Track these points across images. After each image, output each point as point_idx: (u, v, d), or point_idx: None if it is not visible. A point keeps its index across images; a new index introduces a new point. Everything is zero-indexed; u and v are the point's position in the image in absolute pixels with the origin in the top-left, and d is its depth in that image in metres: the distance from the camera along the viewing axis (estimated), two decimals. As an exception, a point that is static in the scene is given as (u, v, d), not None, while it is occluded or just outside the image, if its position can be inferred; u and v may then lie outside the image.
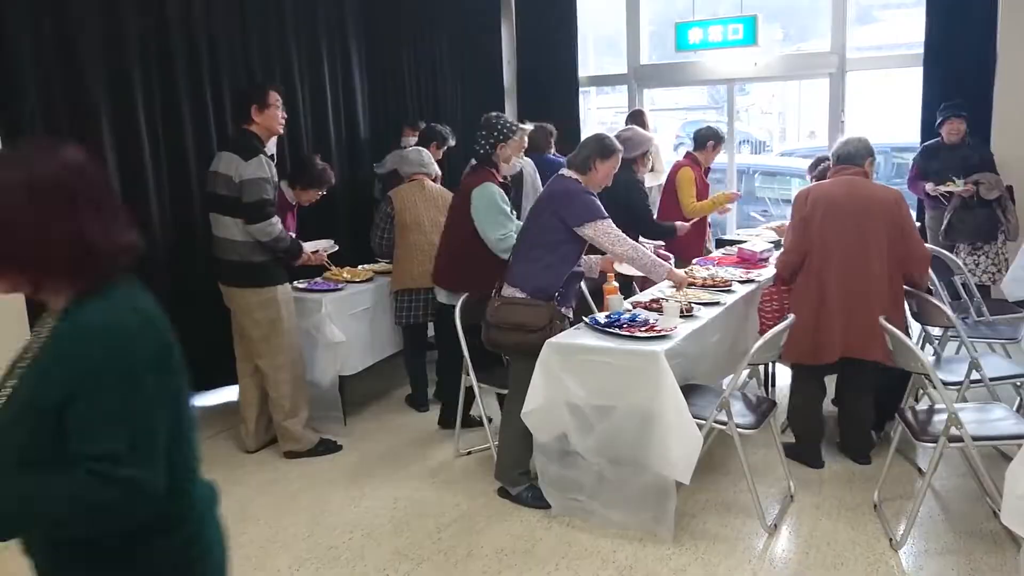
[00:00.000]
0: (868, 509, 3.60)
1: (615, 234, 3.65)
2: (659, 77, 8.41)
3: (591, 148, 3.75)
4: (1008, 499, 2.71)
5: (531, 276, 3.68)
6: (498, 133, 4.22)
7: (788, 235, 4.06)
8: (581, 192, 3.69)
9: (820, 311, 3.83)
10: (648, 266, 3.82)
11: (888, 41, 10.73)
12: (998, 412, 3.42)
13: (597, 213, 3.65)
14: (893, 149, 9.68)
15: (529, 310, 3.61)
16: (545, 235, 3.68)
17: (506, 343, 3.70)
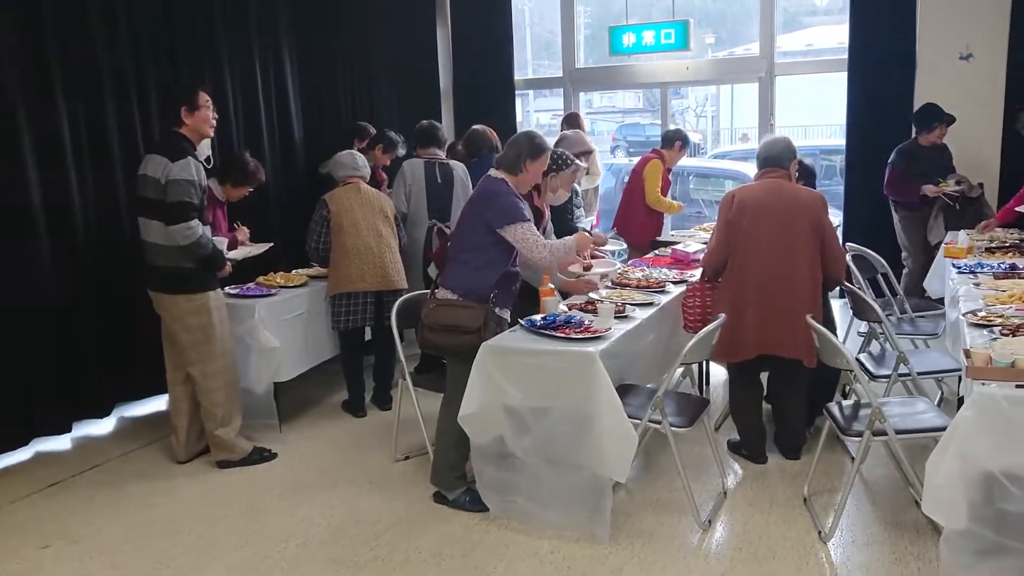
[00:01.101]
0: (799, 503, 3.68)
1: (533, 239, 3.60)
2: (594, 80, 8.51)
3: (522, 147, 3.71)
4: (928, 489, 2.82)
5: (462, 278, 3.67)
6: (553, 163, 4.26)
7: (713, 235, 4.14)
8: (505, 194, 3.65)
9: (739, 310, 3.90)
10: (563, 256, 3.77)
11: (816, 46, 11.06)
12: (920, 406, 3.54)
13: (517, 215, 3.60)
14: (821, 152, 9.97)
15: (463, 312, 3.59)
16: (472, 237, 3.67)
17: (440, 345, 3.67)
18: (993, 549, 2.75)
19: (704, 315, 4.19)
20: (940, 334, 4.63)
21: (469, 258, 3.68)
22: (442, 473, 3.76)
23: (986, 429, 2.69)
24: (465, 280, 3.67)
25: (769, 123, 7.36)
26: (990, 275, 4.24)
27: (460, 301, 3.64)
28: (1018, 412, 2.66)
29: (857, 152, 6.83)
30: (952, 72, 6.45)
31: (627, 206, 6.34)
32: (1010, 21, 6.22)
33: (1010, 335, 3.15)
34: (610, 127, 18.30)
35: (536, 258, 3.62)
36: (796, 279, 3.88)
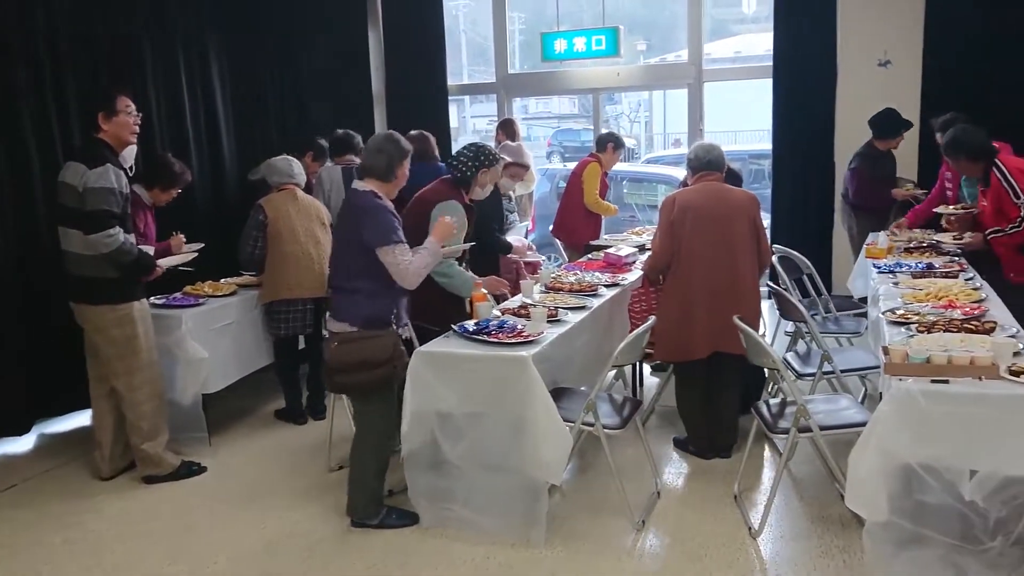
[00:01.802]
0: (729, 501, 3.75)
1: (406, 263, 3.37)
2: (527, 86, 8.55)
3: (391, 152, 3.50)
4: (851, 483, 2.91)
5: (357, 307, 3.42)
6: (484, 158, 4.22)
7: (656, 239, 4.20)
8: (383, 210, 3.43)
9: (690, 311, 4.01)
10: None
11: (744, 53, 11.32)
12: (843, 402, 3.65)
13: (393, 236, 3.37)
14: (750, 156, 10.21)
15: (369, 344, 3.39)
16: (358, 260, 3.40)
17: (352, 384, 3.45)
18: (912, 539, 2.85)
19: (638, 314, 4.26)
20: (863, 332, 4.77)
21: (360, 285, 3.42)
22: (363, 507, 3.61)
23: (904, 424, 2.78)
24: (361, 309, 3.42)
25: (699, 128, 7.50)
26: (908, 275, 4.38)
27: (362, 333, 3.41)
28: (933, 406, 2.76)
29: (783, 156, 7.01)
30: (871, 78, 6.67)
31: (566, 209, 6.45)
32: (924, 29, 6.46)
33: (925, 332, 3.27)
34: (546, 132, 18.41)
35: (407, 284, 3.41)
36: (740, 277, 4.05)
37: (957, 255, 4.81)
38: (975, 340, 3.05)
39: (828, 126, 6.79)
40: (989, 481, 2.70)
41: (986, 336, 3.16)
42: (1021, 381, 2.74)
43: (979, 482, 2.71)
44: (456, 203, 4.10)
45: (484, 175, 4.22)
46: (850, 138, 6.73)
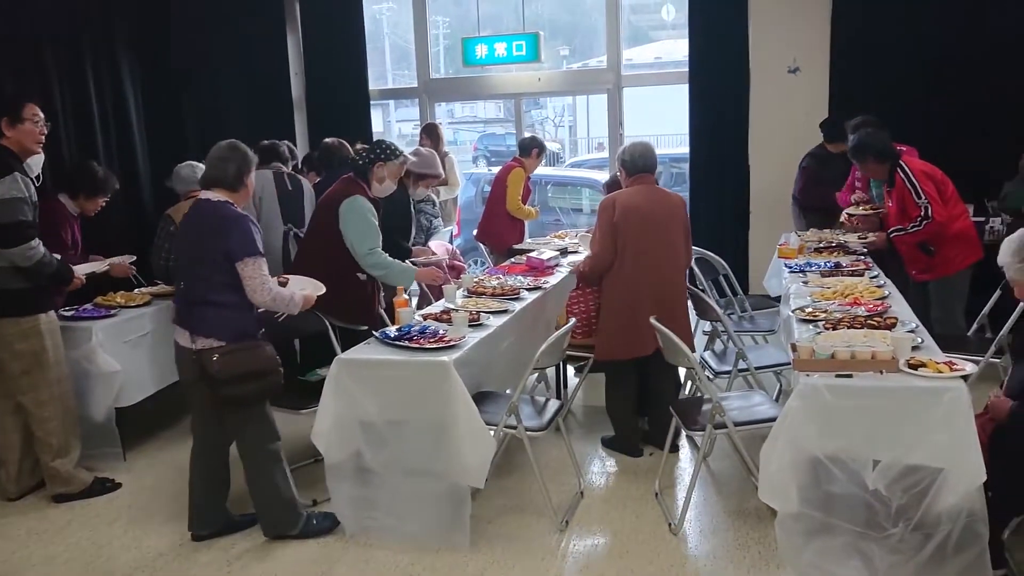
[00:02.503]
0: (650, 498, 3.83)
1: (261, 279, 3.27)
2: (449, 91, 8.57)
3: (238, 160, 3.36)
4: (763, 476, 3.01)
5: (225, 320, 3.29)
6: (381, 152, 4.24)
7: (597, 241, 4.23)
8: (243, 219, 3.29)
9: (635, 311, 4.05)
10: (286, 307, 3.45)
11: (664, 59, 11.54)
12: (757, 399, 3.77)
13: (253, 248, 3.25)
14: (670, 160, 10.42)
15: (253, 354, 3.30)
16: (219, 274, 3.25)
17: (241, 395, 3.28)
18: (821, 529, 2.96)
19: (590, 320, 4.31)
20: (777, 330, 4.93)
21: (225, 298, 3.27)
22: (279, 520, 3.51)
23: (811, 417, 2.89)
24: (229, 323, 3.29)
25: (619, 132, 7.63)
26: (818, 273, 4.55)
27: (237, 346, 3.28)
28: (839, 400, 2.87)
29: (700, 159, 7.19)
30: (782, 84, 6.90)
31: (490, 214, 6.50)
32: (831, 37, 6.72)
33: (832, 329, 3.40)
34: (472, 137, 18.44)
35: (257, 301, 3.30)
36: (680, 276, 4.29)
37: (863, 254, 5.01)
38: (877, 336, 3.19)
39: (742, 130, 7.00)
40: (890, 470, 2.83)
41: (887, 331, 3.31)
42: (918, 374, 2.88)
43: (881, 471, 2.83)
44: (360, 198, 4.13)
45: (380, 168, 4.22)
46: (763, 142, 6.98)
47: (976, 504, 2.76)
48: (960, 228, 4.73)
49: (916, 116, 6.07)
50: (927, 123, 6.10)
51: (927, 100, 6.30)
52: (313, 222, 4.40)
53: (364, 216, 4.13)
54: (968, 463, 2.73)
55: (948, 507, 2.77)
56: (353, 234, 4.12)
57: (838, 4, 6.65)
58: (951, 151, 5.59)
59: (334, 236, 4.13)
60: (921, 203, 4.60)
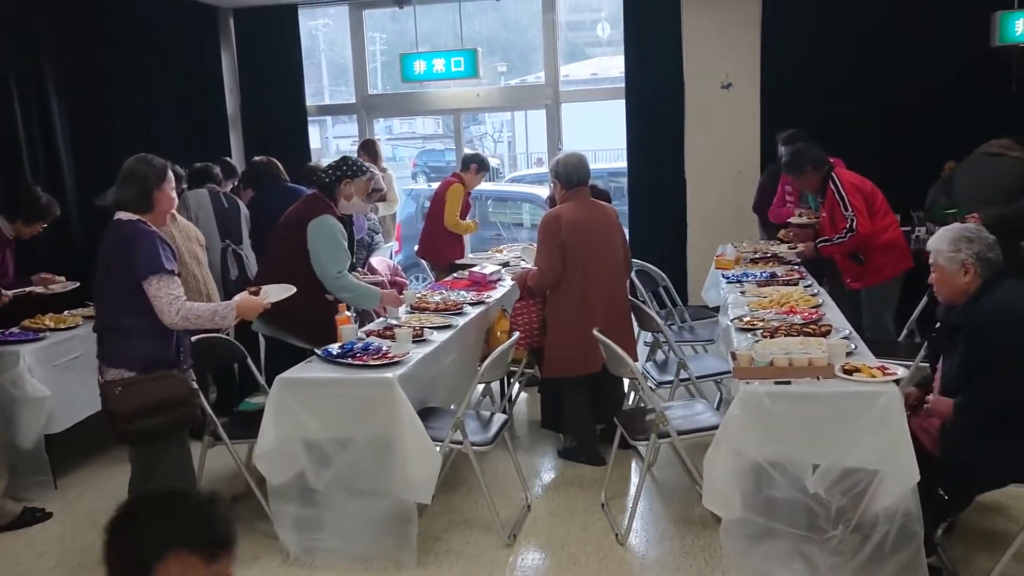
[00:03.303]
0: (597, 509, 3.85)
1: (168, 298, 2.99)
2: (388, 107, 8.56)
3: (146, 176, 3.11)
4: (707, 484, 3.05)
5: (135, 348, 3.04)
6: (348, 168, 4.13)
7: (543, 257, 4.21)
8: (151, 236, 3.05)
9: (587, 327, 3.97)
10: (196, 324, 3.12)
11: (601, 75, 11.71)
12: (699, 407, 3.82)
13: (157, 265, 2.99)
14: (609, 174, 10.56)
15: (162, 383, 3.03)
16: (127, 295, 3.01)
17: (147, 430, 3.00)
18: (764, 534, 3.02)
19: (532, 331, 4.32)
20: (716, 340, 5.01)
21: (133, 323, 3.02)
22: None
23: (752, 424, 2.95)
24: (137, 350, 3.04)
25: (558, 147, 7.70)
26: (754, 283, 4.65)
27: (150, 376, 3.02)
28: (778, 406, 2.94)
29: (638, 173, 7.31)
30: (716, 100, 7.07)
31: (430, 230, 6.47)
32: (761, 55, 6.92)
33: (769, 337, 3.48)
34: (411, 153, 18.40)
35: (167, 322, 3.00)
36: (624, 288, 4.39)
37: (796, 264, 5.15)
38: (813, 343, 3.27)
39: (679, 145, 7.14)
40: (829, 473, 2.90)
41: (822, 339, 3.40)
42: (853, 379, 2.96)
43: (821, 475, 2.91)
44: (330, 218, 4.03)
45: (347, 186, 4.12)
46: (699, 156, 7.14)
47: (911, 504, 2.84)
48: (890, 238, 4.89)
49: (845, 129, 6.26)
50: (856, 135, 6.31)
51: (855, 113, 6.52)
52: (278, 241, 4.18)
53: (334, 236, 4.01)
54: (902, 464, 2.82)
55: (884, 508, 2.86)
56: (324, 255, 3.98)
57: (767, 22, 6.85)
58: (880, 162, 5.80)
59: (302, 255, 3.97)
60: (848, 215, 4.75)
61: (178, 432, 3.13)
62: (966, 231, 3.06)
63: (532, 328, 4.37)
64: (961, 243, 3.00)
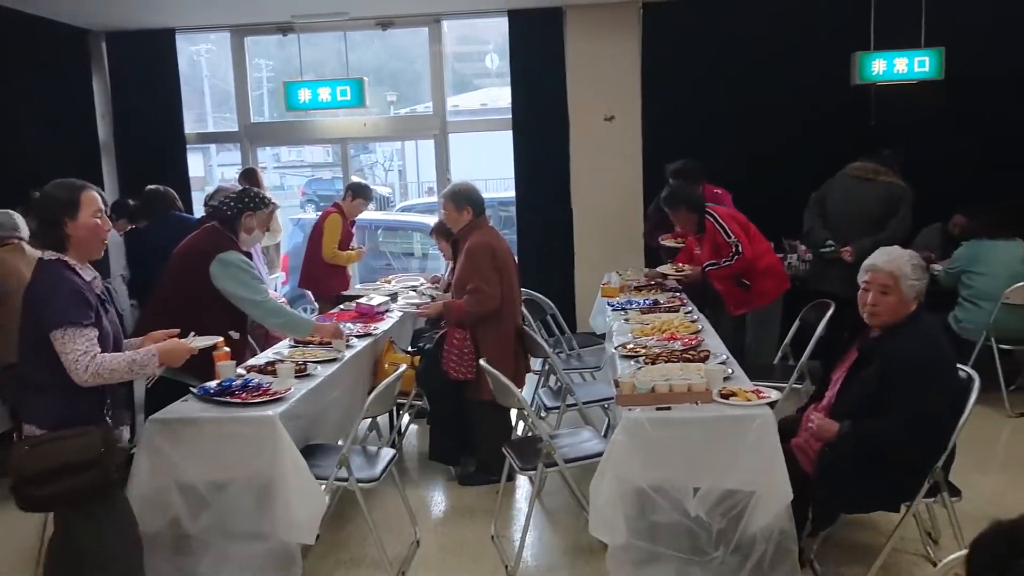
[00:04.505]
0: (487, 541, 3.82)
1: (75, 354, 2.63)
2: (272, 135, 8.38)
3: (52, 209, 2.74)
4: (593, 511, 3.08)
5: (50, 405, 2.72)
6: (251, 200, 4.00)
7: (485, 282, 4.27)
8: (59, 283, 2.69)
9: (514, 352, 4.33)
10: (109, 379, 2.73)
11: (491, 105, 11.86)
12: (585, 435, 3.86)
13: (68, 316, 2.64)
14: (499, 203, 10.66)
15: (71, 443, 2.68)
16: (35, 348, 2.70)
17: (50, 497, 2.67)
18: (649, 559, 3.07)
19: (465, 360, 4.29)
20: (603, 366, 5.11)
21: (45, 378, 2.70)
22: None
23: (635, 450, 3.01)
24: (55, 407, 2.72)
25: (446, 177, 7.72)
26: (637, 311, 4.77)
27: (55, 434, 2.69)
28: (659, 432, 3.01)
29: (525, 203, 7.41)
30: (599, 131, 7.25)
31: (310, 260, 6.29)
32: (641, 89, 7.16)
33: (651, 363, 3.56)
34: (300, 181, 18.08)
35: (76, 380, 2.65)
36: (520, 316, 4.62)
37: (678, 291, 5.31)
38: (692, 368, 3.38)
39: (564, 175, 7.29)
40: (709, 496, 2.99)
41: (701, 364, 3.51)
42: (730, 403, 3.06)
43: (701, 498, 2.99)
44: (234, 253, 3.89)
45: (249, 219, 4.00)
46: (584, 186, 7.30)
47: (785, 522, 2.96)
48: (770, 262, 5.14)
49: (721, 160, 6.53)
50: (731, 167, 6.58)
51: (730, 146, 6.81)
52: (176, 275, 3.94)
53: (244, 268, 3.89)
54: (776, 484, 2.93)
55: (762, 528, 2.96)
56: (239, 291, 3.84)
57: (647, 58, 7.11)
58: (753, 193, 6.07)
59: (204, 289, 3.79)
60: (731, 241, 4.95)
61: (94, 497, 2.72)
62: (918, 258, 3.14)
63: (459, 357, 4.33)
64: (920, 271, 3.09)
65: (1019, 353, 5.46)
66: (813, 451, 3.10)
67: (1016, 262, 5.23)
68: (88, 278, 2.79)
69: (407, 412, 4.96)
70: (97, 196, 2.83)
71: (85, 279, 2.77)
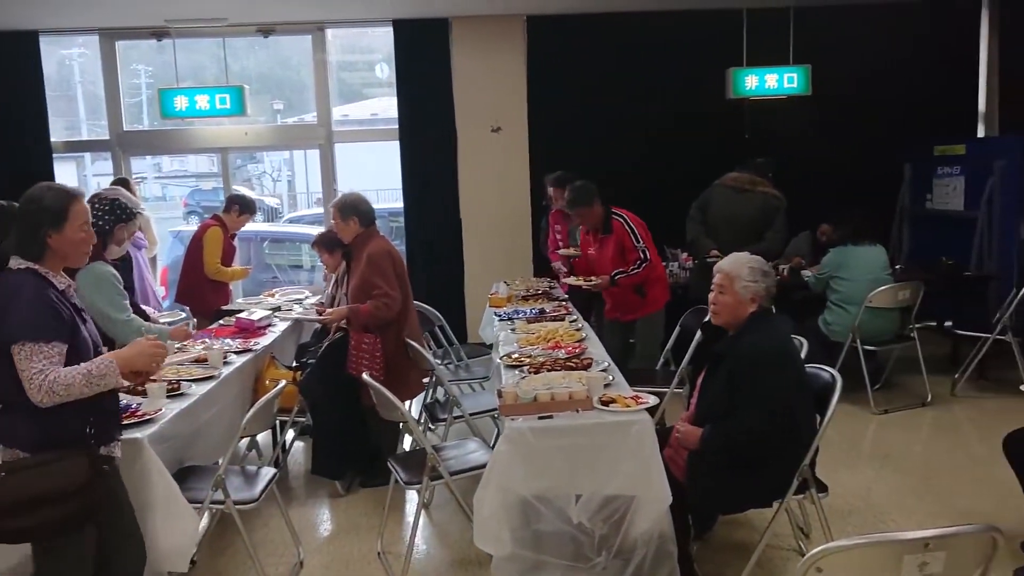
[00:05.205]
0: (373, 558, 3.75)
1: (32, 370, 2.40)
2: (147, 144, 8.04)
3: (39, 217, 2.54)
4: (477, 522, 3.06)
5: (26, 425, 2.49)
6: (122, 212, 3.94)
7: (391, 286, 4.35)
8: (22, 291, 2.47)
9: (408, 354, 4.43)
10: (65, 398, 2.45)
11: (382, 115, 11.75)
12: (472, 446, 3.84)
13: (25, 331, 2.42)
14: (390, 214, 10.56)
15: (52, 469, 2.46)
16: (5, 365, 2.46)
17: (27, 529, 2.46)
18: (534, 567, 3.08)
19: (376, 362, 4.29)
20: (491, 376, 5.11)
21: (17, 398, 2.46)
22: None
23: (518, 460, 3.01)
24: (31, 427, 2.49)
25: (333, 188, 7.59)
26: (524, 320, 4.79)
27: (36, 459, 2.48)
28: (542, 441, 3.02)
29: (414, 214, 7.37)
30: (487, 143, 7.29)
31: (187, 275, 5.91)
32: (528, 100, 7.24)
33: (535, 373, 3.58)
34: (182, 192, 17.43)
35: (33, 400, 2.41)
36: None
37: (565, 299, 5.37)
38: (574, 376, 3.41)
39: (453, 185, 7.29)
40: (591, 502, 3.02)
41: (584, 372, 3.55)
42: (609, 409, 3.11)
43: (583, 505, 3.02)
44: (102, 264, 3.81)
45: (121, 230, 4.00)
46: (472, 196, 7.32)
47: (665, 526, 3.01)
48: (661, 271, 5.27)
49: (604, 171, 6.66)
50: (614, 178, 6.70)
51: (615, 157, 6.97)
52: None
53: (112, 283, 3.90)
54: (655, 488, 2.99)
55: (642, 532, 3.00)
56: (105, 304, 3.80)
57: (532, 67, 7.20)
58: (636, 202, 6.19)
59: None
60: (639, 247, 5.03)
61: (73, 530, 2.53)
62: (762, 264, 3.24)
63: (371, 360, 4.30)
64: (759, 275, 3.18)
65: (883, 354, 5.80)
66: (682, 459, 3.17)
67: (878, 267, 5.56)
68: (61, 287, 2.57)
69: (291, 429, 4.83)
70: (86, 208, 2.66)
71: (58, 288, 2.55)
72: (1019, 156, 6.40)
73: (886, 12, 7.03)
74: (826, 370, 3.29)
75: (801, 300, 5.97)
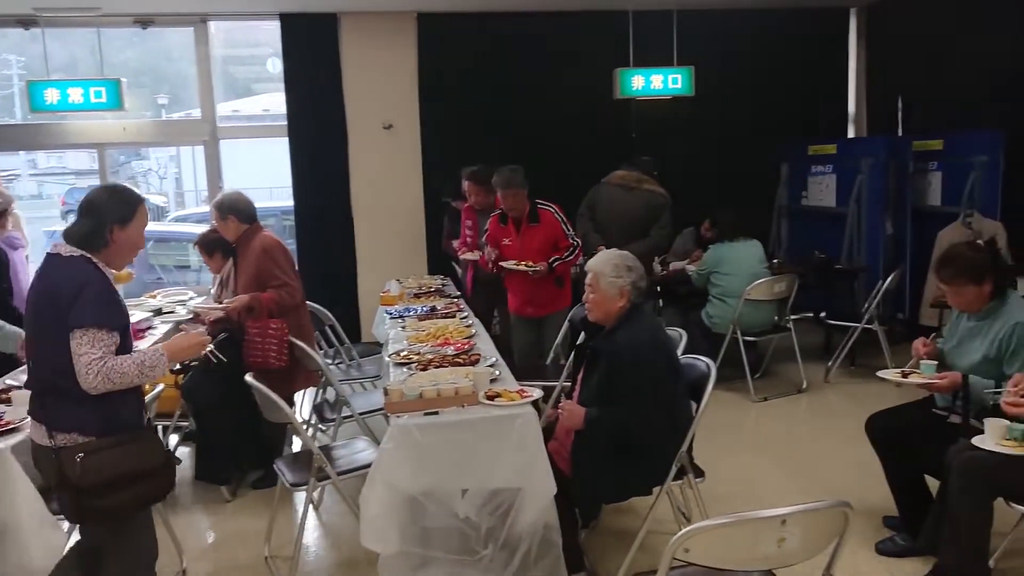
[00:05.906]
0: (261, 563, 3.68)
1: (90, 358, 2.49)
2: (14, 139, 7.58)
3: (109, 208, 2.64)
4: (364, 522, 3.05)
5: (89, 414, 2.57)
6: None
7: (287, 276, 4.41)
8: (96, 283, 2.57)
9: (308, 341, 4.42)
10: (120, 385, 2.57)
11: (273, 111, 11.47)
12: (360, 445, 3.81)
13: (87, 317, 2.51)
14: (282, 212, 10.32)
15: (132, 449, 2.60)
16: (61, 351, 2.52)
17: (121, 505, 2.59)
18: (422, 564, 3.09)
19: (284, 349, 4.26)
20: (382, 375, 5.07)
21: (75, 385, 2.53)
22: None
23: (404, 457, 3.01)
24: (96, 412, 2.57)
25: (218, 185, 7.36)
26: (415, 318, 4.78)
27: (116, 439, 2.58)
28: (427, 438, 3.02)
29: (304, 212, 7.24)
30: (379, 140, 7.23)
31: None
32: (419, 97, 7.23)
33: (423, 370, 3.59)
34: (60, 190, 16.60)
35: (83, 386, 2.51)
36: None
37: (456, 297, 5.39)
38: (461, 372, 3.44)
39: (344, 183, 7.20)
40: (477, 496, 3.05)
41: (471, 367, 3.58)
42: (495, 404, 3.14)
43: (469, 499, 3.04)
44: None
45: None
46: (365, 194, 7.25)
47: (550, 516, 3.07)
48: None
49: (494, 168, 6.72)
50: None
51: (507, 155, 6.96)
52: None
53: None
54: (540, 479, 3.03)
55: (528, 523, 3.05)
56: None
57: (423, 64, 7.19)
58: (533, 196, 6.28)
59: None
60: (569, 234, 5.08)
61: (140, 511, 2.71)
62: (627, 259, 3.31)
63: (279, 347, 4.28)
64: (623, 270, 3.25)
65: (761, 344, 6.07)
66: (567, 450, 3.24)
67: (755, 261, 5.81)
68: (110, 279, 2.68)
69: (173, 434, 4.67)
70: (148, 213, 2.79)
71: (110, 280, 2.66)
72: (884, 156, 6.80)
73: (763, 18, 7.35)
74: (702, 360, 3.42)
75: (686, 294, 6.19)
